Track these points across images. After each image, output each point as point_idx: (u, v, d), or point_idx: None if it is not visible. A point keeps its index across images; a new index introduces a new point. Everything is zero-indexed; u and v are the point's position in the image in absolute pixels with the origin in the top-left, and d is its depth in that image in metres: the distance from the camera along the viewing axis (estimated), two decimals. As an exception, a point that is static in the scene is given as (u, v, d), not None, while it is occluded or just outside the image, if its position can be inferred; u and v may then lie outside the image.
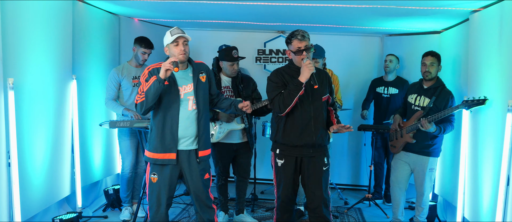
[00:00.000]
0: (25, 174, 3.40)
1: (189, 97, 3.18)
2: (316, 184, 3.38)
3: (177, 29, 3.12)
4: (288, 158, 3.41)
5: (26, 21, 3.40)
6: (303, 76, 3.19)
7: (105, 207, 4.69)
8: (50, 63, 3.77)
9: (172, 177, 3.23)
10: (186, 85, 3.19)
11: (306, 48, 3.25)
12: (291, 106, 3.25)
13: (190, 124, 3.18)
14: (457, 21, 4.52)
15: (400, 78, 5.40)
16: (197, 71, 3.25)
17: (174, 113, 3.14)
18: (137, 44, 4.40)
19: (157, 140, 3.17)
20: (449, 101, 3.96)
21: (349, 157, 6.18)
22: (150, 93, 3.01)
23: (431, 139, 4.02)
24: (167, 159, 3.17)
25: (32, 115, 3.52)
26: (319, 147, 3.40)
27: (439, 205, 4.85)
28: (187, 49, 3.15)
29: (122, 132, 4.43)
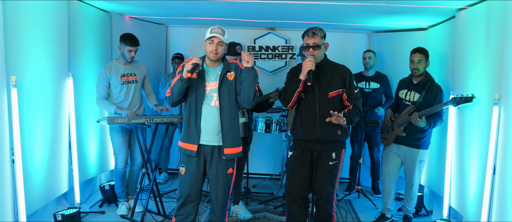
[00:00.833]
0: (27, 170, 3.44)
1: (213, 94, 3.27)
2: (321, 178, 3.49)
3: (218, 29, 3.19)
4: (296, 150, 3.55)
5: (25, 21, 3.43)
6: (301, 73, 3.31)
7: (102, 203, 4.72)
8: (48, 61, 3.80)
9: (198, 170, 3.31)
10: (212, 82, 3.28)
11: (314, 46, 3.36)
12: (293, 101, 3.42)
13: (211, 119, 3.26)
14: (443, 19, 4.66)
15: (380, 73, 5.55)
16: (226, 69, 3.31)
17: (198, 107, 3.25)
18: (122, 42, 4.39)
19: (184, 130, 3.31)
20: (438, 95, 4.09)
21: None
22: (175, 90, 3.20)
23: (421, 132, 4.15)
24: (189, 150, 3.29)
25: (32, 112, 3.55)
26: (325, 142, 3.48)
27: (426, 195, 5.01)
28: (220, 49, 3.21)
29: (113, 129, 4.44)
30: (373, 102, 5.45)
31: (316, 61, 3.41)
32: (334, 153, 3.50)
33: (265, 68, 6.25)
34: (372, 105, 5.44)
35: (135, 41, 4.39)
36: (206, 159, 3.33)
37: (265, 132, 5.05)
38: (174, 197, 5.11)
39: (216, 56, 3.22)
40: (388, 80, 5.53)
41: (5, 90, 3.07)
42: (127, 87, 4.42)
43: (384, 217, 4.45)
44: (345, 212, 4.91)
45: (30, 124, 3.53)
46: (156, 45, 6.05)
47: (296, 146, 3.57)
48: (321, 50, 3.43)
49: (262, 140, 6.25)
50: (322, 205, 3.52)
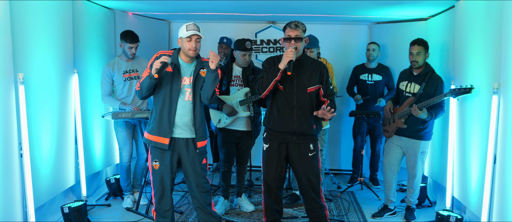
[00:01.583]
0: (34, 164, 3.51)
1: (187, 89, 3.33)
2: (303, 170, 3.55)
3: (194, 25, 3.24)
4: (272, 142, 3.57)
5: (32, 19, 3.50)
6: (281, 63, 3.34)
7: (108, 196, 4.81)
8: (54, 58, 3.87)
9: (172, 163, 3.39)
10: (187, 77, 3.34)
11: (295, 38, 3.40)
12: (268, 89, 3.41)
13: (185, 113, 3.33)
14: (443, 8, 4.66)
15: (382, 65, 5.57)
16: (199, 66, 3.37)
17: (173, 101, 3.29)
18: (122, 40, 4.45)
19: (155, 123, 3.35)
20: (438, 86, 4.09)
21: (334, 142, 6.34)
22: (144, 86, 3.23)
23: (422, 124, 4.17)
24: (161, 143, 3.33)
25: (38, 108, 3.62)
26: (302, 135, 3.53)
27: (429, 186, 5.04)
28: (198, 46, 3.28)
29: (118, 123, 4.52)
30: (375, 94, 5.48)
31: (298, 53, 3.47)
32: (312, 145, 3.57)
33: (267, 62, 6.27)
34: (375, 96, 5.47)
35: (134, 38, 4.44)
36: (180, 152, 3.39)
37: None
38: (177, 190, 5.19)
39: (195, 53, 3.29)
40: (390, 72, 5.55)
41: (12, 87, 3.13)
42: (130, 83, 4.48)
43: (386, 209, 4.49)
44: (348, 204, 4.95)
45: (37, 119, 3.60)
46: (159, 40, 6.10)
47: (272, 138, 3.59)
48: (302, 43, 3.47)
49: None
50: (311, 196, 3.57)
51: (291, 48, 3.35)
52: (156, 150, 3.37)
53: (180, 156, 3.42)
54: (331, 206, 4.84)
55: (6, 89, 3.06)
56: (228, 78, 4.41)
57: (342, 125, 6.22)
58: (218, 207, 4.51)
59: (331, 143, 6.30)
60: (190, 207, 4.67)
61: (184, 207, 4.66)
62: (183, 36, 3.23)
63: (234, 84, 4.42)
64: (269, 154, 3.59)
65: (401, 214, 4.53)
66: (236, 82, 4.41)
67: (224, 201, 4.58)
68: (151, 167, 3.41)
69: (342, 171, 6.38)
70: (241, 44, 4.32)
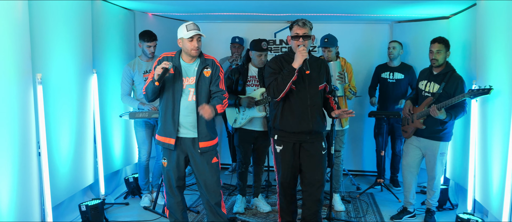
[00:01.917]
0: (53, 163, 3.59)
1: (190, 89, 3.33)
2: (317, 168, 3.51)
3: (193, 25, 3.24)
4: (286, 144, 3.52)
5: (50, 20, 3.59)
6: (296, 62, 3.28)
7: (126, 195, 4.89)
8: (73, 58, 3.95)
9: (179, 161, 3.41)
10: (190, 77, 3.34)
11: (304, 36, 3.34)
12: (285, 91, 3.32)
13: (189, 113, 3.34)
14: (465, 6, 4.56)
15: (405, 64, 5.49)
16: (203, 65, 3.37)
17: (176, 102, 3.31)
18: (140, 40, 4.52)
19: (161, 124, 3.40)
20: (458, 86, 3.98)
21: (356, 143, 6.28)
22: (149, 90, 3.28)
23: (441, 124, 4.08)
24: (167, 143, 3.37)
25: (57, 108, 3.71)
26: (315, 133, 3.51)
27: (451, 188, 4.93)
28: (200, 45, 3.28)
29: (138, 123, 4.59)
30: (397, 93, 5.40)
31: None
32: (323, 142, 3.57)
33: (286, 62, 6.25)
34: (396, 96, 5.39)
35: (152, 36, 4.49)
36: (187, 151, 3.40)
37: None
38: (196, 190, 5.22)
39: (197, 52, 3.29)
40: (413, 70, 5.45)
41: (31, 87, 3.21)
42: None
43: (406, 211, 4.41)
44: (367, 205, 4.89)
45: (56, 119, 3.68)
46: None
47: (285, 140, 3.53)
48: (310, 41, 3.42)
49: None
50: (318, 196, 3.53)
51: (303, 46, 3.29)
52: (165, 149, 3.44)
53: (187, 155, 3.43)
54: (349, 208, 4.79)
55: (24, 89, 3.14)
56: (244, 78, 4.41)
57: (364, 125, 6.14)
58: (238, 205, 4.54)
59: (353, 143, 6.26)
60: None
61: (201, 207, 4.68)
62: (184, 36, 3.23)
63: (250, 84, 4.42)
64: (284, 156, 3.54)
65: (421, 216, 4.44)
66: (252, 82, 4.41)
67: (242, 198, 4.60)
68: (161, 165, 3.51)
69: (365, 172, 6.30)
70: (257, 44, 4.32)
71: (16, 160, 3.04)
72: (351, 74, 4.79)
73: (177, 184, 3.46)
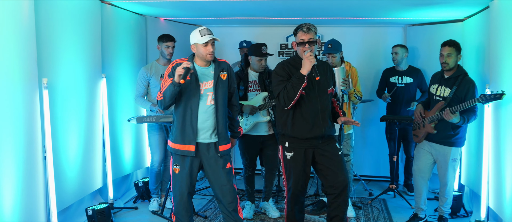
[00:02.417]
0: (60, 167, 3.63)
1: (208, 93, 3.32)
2: (339, 171, 3.43)
3: (207, 30, 3.23)
4: (297, 150, 3.46)
5: (58, 25, 3.63)
6: (304, 68, 3.21)
7: (136, 199, 4.91)
8: (81, 63, 4.00)
9: (192, 168, 3.37)
10: (207, 82, 3.33)
11: (310, 42, 3.29)
12: (296, 99, 3.26)
13: (208, 117, 3.32)
14: (479, 9, 4.47)
15: (413, 67, 5.41)
16: (219, 69, 3.37)
17: (194, 107, 3.29)
18: (159, 42, 4.58)
19: (178, 132, 3.34)
20: (470, 90, 3.89)
21: (370, 148, 6.20)
22: (167, 94, 3.20)
23: (453, 129, 3.99)
24: (187, 151, 3.32)
25: (65, 112, 3.75)
26: (327, 138, 3.47)
27: (466, 195, 4.82)
28: (214, 49, 3.28)
29: (152, 127, 4.61)
30: (407, 97, 5.32)
31: None
32: (337, 143, 3.53)
33: (299, 66, 6.21)
34: (406, 100, 5.31)
35: (170, 37, 4.56)
36: (202, 157, 3.37)
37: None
38: (205, 194, 5.22)
39: (212, 57, 3.28)
40: (422, 74, 5.37)
41: (37, 91, 3.24)
42: None
43: (417, 217, 4.31)
44: (378, 212, 4.81)
45: (64, 123, 3.72)
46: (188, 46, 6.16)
47: (296, 146, 3.45)
48: (316, 46, 3.35)
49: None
50: (344, 198, 3.44)
51: (310, 52, 3.24)
52: (178, 157, 3.39)
53: (201, 161, 3.41)
54: (360, 214, 4.71)
55: (30, 94, 3.17)
56: (245, 83, 4.38)
57: (376, 129, 6.05)
58: (247, 211, 4.51)
59: (365, 148, 6.18)
60: (215, 211, 4.69)
61: (210, 212, 4.68)
62: (198, 42, 3.22)
63: (251, 90, 4.39)
64: (296, 163, 3.47)
65: (433, 224, 4.35)
66: (253, 87, 4.39)
67: (251, 205, 4.57)
68: (171, 171, 3.44)
69: (379, 178, 6.20)
70: (257, 49, 4.27)
71: (20, 164, 3.07)
72: (356, 78, 4.73)
73: (188, 191, 3.41)
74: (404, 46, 5.37)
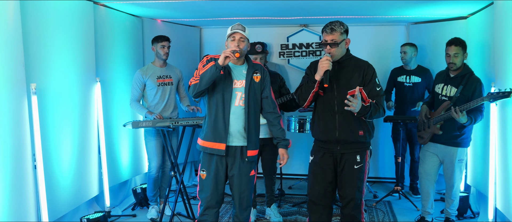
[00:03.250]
0: (52, 175, 3.51)
1: (237, 93, 3.16)
2: (347, 184, 3.27)
3: (238, 25, 3.12)
4: (316, 154, 3.35)
5: (47, 27, 3.50)
6: (317, 74, 3.11)
7: (134, 206, 4.79)
8: (74, 67, 3.87)
9: (218, 172, 3.19)
10: (238, 81, 3.18)
11: (331, 43, 3.14)
12: (309, 100, 3.22)
13: (236, 119, 3.16)
14: (482, 6, 4.37)
15: (422, 67, 5.29)
16: (252, 70, 3.22)
17: (226, 103, 3.14)
18: (154, 43, 4.48)
19: (210, 128, 3.18)
20: (477, 89, 3.79)
21: (374, 149, 6.04)
22: (205, 77, 3.02)
23: (459, 129, 3.88)
24: (217, 149, 3.15)
25: (57, 118, 3.62)
26: (345, 143, 3.26)
27: (472, 196, 4.72)
28: (243, 45, 3.11)
29: (148, 132, 4.48)
30: (415, 97, 5.21)
31: (336, 58, 3.21)
32: (359, 156, 3.27)
33: (299, 66, 6.11)
34: (413, 100, 5.19)
35: (164, 37, 4.45)
36: (228, 161, 3.22)
37: (299, 132, 4.95)
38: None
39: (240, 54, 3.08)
40: (431, 74, 5.25)
41: (25, 97, 3.11)
42: (163, 90, 4.45)
43: (424, 221, 4.20)
44: (383, 214, 4.69)
45: (56, 130, 3.59)
46: (190, 47, 6.07)
47: (317, 148, 3.37)
48: (339, 48, 3.18)
49: (298, 140, 6.11)
50: (349, 212, 3.29)
51: (327, 55, 3.11)
52: (206, 157, 3.22)
53: (228, 165, 3.24)
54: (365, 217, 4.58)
55: (17, 100, 3.03)
56: None
57: (381, 130, 5.92)
58: None
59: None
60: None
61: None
62: (227, 35, 3.13)
63: None
64: (313, 167, 3.36)
65: (440, 226, 4.23)
66: None
67: (253, 210, 4.45)
68: (199, 177, 3.28)
69: (383, 179, 6.09)
70: (251, 48, 4.18)
71: (8, 174, 2.93)
72: None
73: (216, 198, 3.22)
74: (413, 44, 5.24)
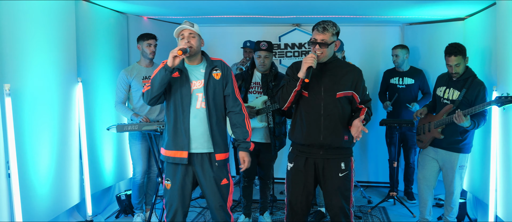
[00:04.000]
0: (28, 184, 3.24)
1: (197, 94, 2.98)
2: (333, 193, 3.09)
3: (185, 23, 2.95)
4: (297, 160, 3.14)
5: (23, 23, 3.23)
6: (301, 71, 2.93)
7: (118, 214, 4.54)
8: (53, 66, 3.60)
9: (185, 182, 3.02)
10: (196, 81, 2.99)
11: (321, 43, 2.96)
12: (290, 101, 3.03)
13: (198, 123, 2.97)
14: (482, 6, 4.24)
15: (414, 68, 5.16)
16: (211, 67, 3.03)
17: (185, 108, 2.95)
18: (140, 41, 4.25)
19: (170, 136, 3.00)
20: (480, 92, 3.65)
21: (368, 153, 5.95)
22: (156, 81, 2.84)
23: (461, 134, 3.74)
24: (179, 158, 2.97)
25: (34, 121, 3.35)
26: (330, 149, 3.08)
27: (469, 202, 4.60)
28: (194, 42, 2.93)
29: (133, 136, 4.24)
30: (408, 99, 5.07)
31: (323, 59, 3.03)
32: (343, 163, 3.10)
33: (291, 67, 5.94)
34: (406, 102, 5.05)
35: (150, 35, 4.24)
36: (196, 170, 3.02)
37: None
38: (194, 206, 4.88)
39: (192, 50, 2.91)
40: (424, 74, 5.12)
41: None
42: None
43: (422, 228, 4.05)
44: (379, 221, 4.51)
45: (33, 134, 3.33)
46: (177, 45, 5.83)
47: (297, 153, 3.15)
48: (329, 49, 3.01)
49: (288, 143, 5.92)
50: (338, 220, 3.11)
51: (312, 53, 2.94)
52: (170, 167, 3.04)
53: (195, 173, 3.05)
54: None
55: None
56: (247, 85, 4.08)
57: (374, 133, 5.76)
58: None
59: (363, 152, 5.94)
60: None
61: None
62: (176, 36, 2.95)
63: (252, 91, 4.08)
64: (294, 174, 3.14)
65: (438, 233, 4.10)
66: (255, 89, 4.08)
67: (244, 218, 4.26)
68: (164, 187, 3.08)
69: (377, 183, 5.94)
70: (256, 44, 4.02)
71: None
72: None
73: (182, 210, 3.04)
74: (404, 46, 5.11)
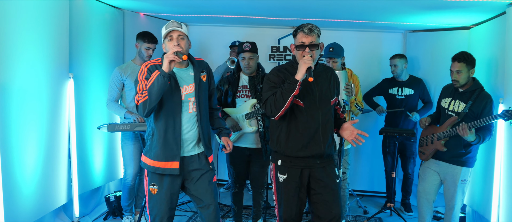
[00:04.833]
0: (13, 183, 3.09)
1: (190, 99, 2.86)
2: (333, 201, 2.95)
3: (172, 23, 2.78)
4: (291, 171, 2.96)
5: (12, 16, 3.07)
6: (299, 73, 2.74)
7: (106, 215, 4.39)
8: (43, 61, 3.45)
9: (174, 187, 2.89)
10: (187, 86, 2.86)
11: (311, 45, 2.82)
12: (284, 108, 2.79)
13: (191, 127, 2.87)
14: (490, 15, 4.13)
15: (414, 77, 5.01)
16: (199, 69, 2.92)
17: (177, 116, 2.81)
18: (140, 40, 4.09)
19: (159, 147, 2.84)
20: (487, 105, 3.52)
21: (364, 162, 5.82)
22: (154, 90, 2.65)
23: (465, 148, 3.61)
24: (169, 168, 2.83)
25: (21, 117, 3.20)
26: (327, 157, 2.99)
27: (468, 215, 4.49)
28: (184, 44, 2.78)
29: (126, 136, 4.10)
30: (408, 109, 4.91)
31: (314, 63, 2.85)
32: (336, 169, 3.04)
33: (290, 70, 5.80)
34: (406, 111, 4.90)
35: (153, 39, 4.10)
36: (185, 172, 2.91)
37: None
38: (185, 210, 4.73)
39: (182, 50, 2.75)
40: (424, 84, 4.98)
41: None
42: None
43: (420, 242, 3.92)
44: (374, 233, 4.41)
45: (20, 131, 3.18)
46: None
47: (290, 165, 2.97)
48: (318, 51, 2.88)
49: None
50: None
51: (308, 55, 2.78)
52: (156, 174, 2.89)
53: (184, 177, 2.93)
54: (356, 236, 4.30)
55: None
56: (234, 88, 3.93)
57: (371, 141, 5.63)
58: None
59: (359, 161, 5.81)
60: None
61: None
62: (163, 37, 2.79)
63: (240, 95, 3.94)
64: (289, 187, 2.96)
65: (437, 249, 3.97)
66: (242, 93, 3.93)
67: None
68: (148, 192, 2.92)
69: (373, 193, 5.81)
70: (239, 46, 3.89)
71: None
72: (358, 87, 4.32)
73: (168, 215, 2.90)
74: (403, 55, 4.95)
